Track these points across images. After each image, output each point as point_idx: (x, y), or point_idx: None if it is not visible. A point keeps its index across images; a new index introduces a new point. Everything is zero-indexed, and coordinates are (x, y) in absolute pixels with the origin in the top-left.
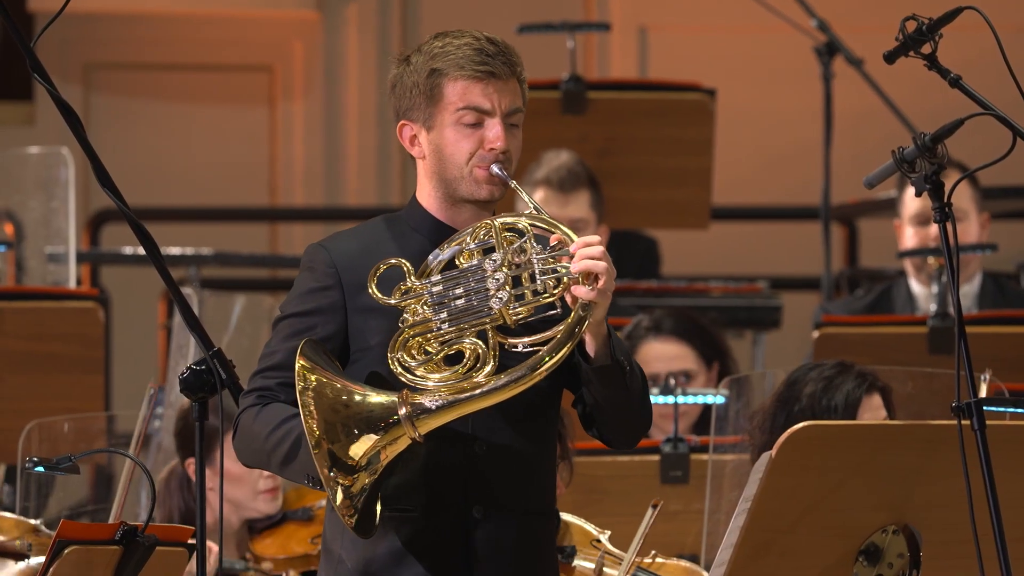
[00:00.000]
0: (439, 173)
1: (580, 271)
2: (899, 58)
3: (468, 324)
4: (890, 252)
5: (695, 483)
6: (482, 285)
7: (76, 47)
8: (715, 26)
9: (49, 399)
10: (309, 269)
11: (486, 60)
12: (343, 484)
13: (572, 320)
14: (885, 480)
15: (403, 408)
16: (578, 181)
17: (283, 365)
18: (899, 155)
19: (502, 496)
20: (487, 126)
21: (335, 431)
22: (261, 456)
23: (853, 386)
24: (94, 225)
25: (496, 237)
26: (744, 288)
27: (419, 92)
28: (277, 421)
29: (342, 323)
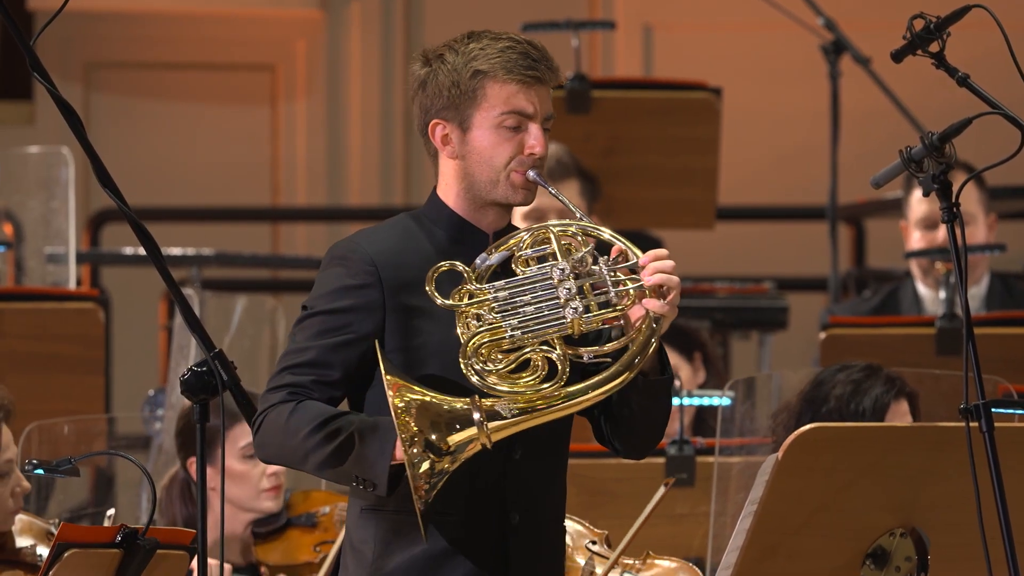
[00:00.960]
0: (473, 175)
1: (654, 284)
2: (907, 57)
3: (539, 333)
4: (898, 252)
5: (701, 485)
6: (551, 294)
7: (76, 46)
8: (721, 24)
9: (49, 400)
10: (341, 265)
11: (533, 65)
12: (430, 459)
13: (645, 333)
14: (892, 482)
15: (477, 413)
16: (567, 172)
17: (317, 362)
18: (906, 155)
19: (536, 502)
20: (528, 131)
21: (432, 428)
22: (295, 454)
23: (882, 391)
24: (94, 225)
25: (556, 244)
26: (750, 289)
27: (459, 92)
28: (319, 420)
29: (379, 322)
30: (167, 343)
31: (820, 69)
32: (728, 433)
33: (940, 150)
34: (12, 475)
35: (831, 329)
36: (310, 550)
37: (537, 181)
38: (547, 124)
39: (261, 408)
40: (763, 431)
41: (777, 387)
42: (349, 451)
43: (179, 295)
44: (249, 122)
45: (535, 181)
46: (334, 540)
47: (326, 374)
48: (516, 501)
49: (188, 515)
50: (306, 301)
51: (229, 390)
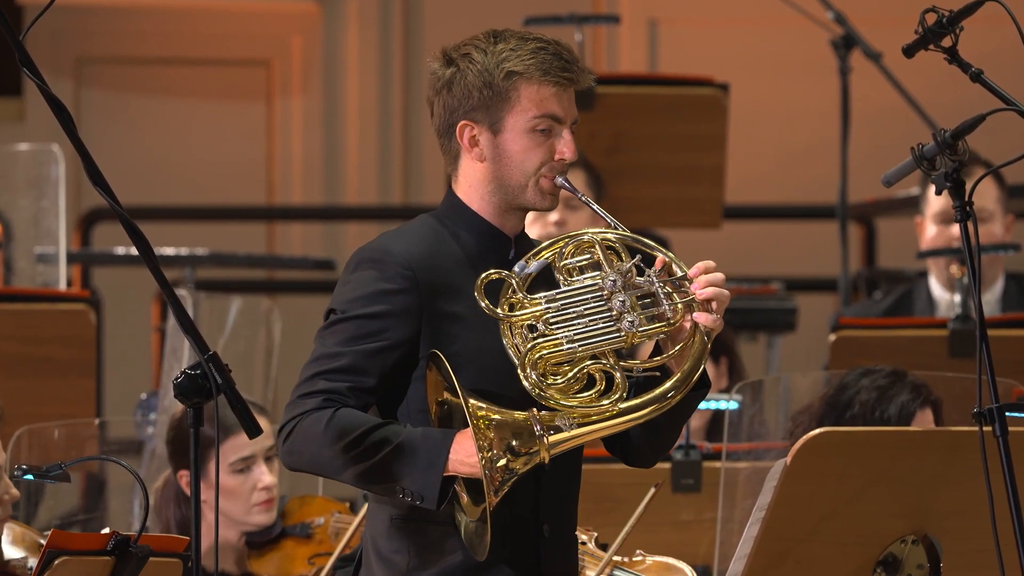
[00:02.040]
0: (501, 178)
1: (707, 298)
2: (919, 52)
3: (594, 346)
4: (909, 252)
5: (707, 491)
6: (602, 305)
7: (67, 40)
8: (728, 19)
9: (39, 404)
10: (376, 268)
11: (567, 67)
12: (507, 457)
13: (698, 348)
14: (904, 488)
15: (537, 426)
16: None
17: (352, 368)
18: (919, 152)
19: (564, 514)
20: (558, 135)
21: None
22: (331, 463)
23: (908, 399)
24: (85, 224)
25: (602, 254)
26: (758, 289)
27: (491, 93)
28: (362, 429)
29: (415, 328)
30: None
31: (830, 64)
32: (735, 437)
33: (953, 147)
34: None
35: (841, 331)
36: (304, 563)
37: (566, 187)
38: (573, 127)
39: (292, 414)
40: (771, 435)
41: (785, 390)
42: (396, 463)
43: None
44: (244, 119)
45: (563, 187)
46: (330, 553)
47: (362, 381)
48: (547, 512)
49: (182, 518)
50: (333, 304)
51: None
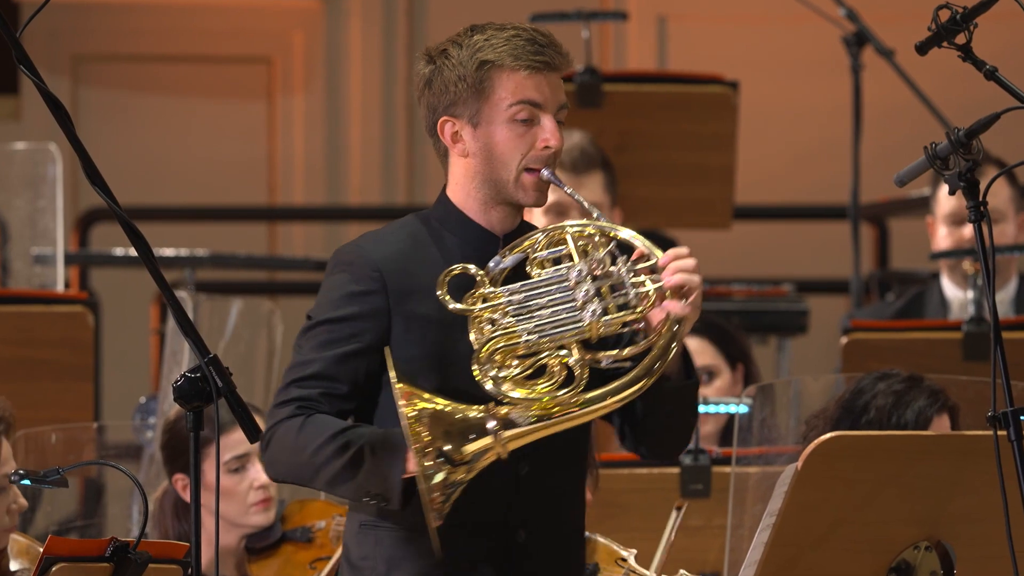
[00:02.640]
0: (486, 173)
1: (675, 285)
2: (932, 49)
3: (555, 337)
4: (923, 253)
5: (717, 496)
6: (568, 296)
7: (64, 37)
8: (738, 15)
9: (36, 408)
10: (346, 271)
11: (540, 50)
12: (445, 470)
13: (666, 338)
14: (917, 493)
15: (492, 422)
16: (591, 163)
17: (323, 375)
18: (932, 151)
19: (544, 518)
20: (540, 123)
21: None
22: (305, 471)
23: (925, 404)
24: (83, 225)
25: (573, 245)
26: (768, 291)
27: (466, 86)
28: (328, 433)
29: (385, 330)
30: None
31: (841, 62)
32: (746, 442)
33: (967, 146)
34: (9, 491)
35: (853, 334)
36: (305, 567)
37: (552, 181)
38: (560, 115)
39: (269, 424)
40: (782, 439)
41: (796, 394)
42: (360, 465)
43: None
44: (245, 117)
45: (550, 181)
46: (330, 557)
47: (334, 387)
48: (523, 517)
49: (181, 530)
50: (310, 310)
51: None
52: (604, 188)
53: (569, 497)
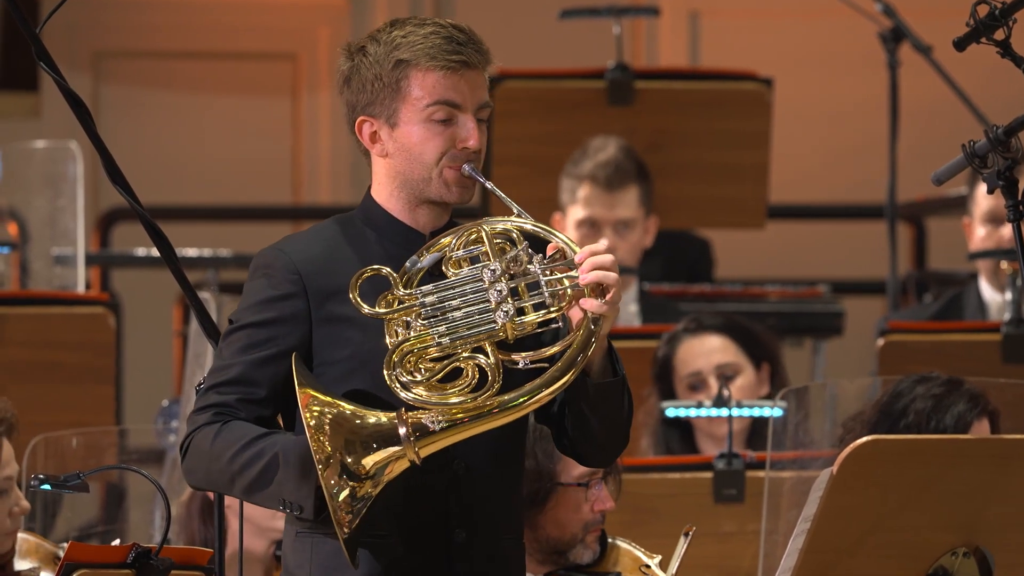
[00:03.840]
0: (404, 173)
1: (590, 283)
2: (970, 44)
3: (469, 339)
4: (961, 253)
5: (751, 502)
6: (481, 297)
7: (85, 33)
8: (772, 11)
9: (56, 412)
10: (265, 275)
11: (458, 49)
12: (350, 486)
13: (582, 336)
14: (955, 498)
15: (403, 428)
16: (625, 177)
17: (241, 380)
18: (970, 149)
19: (483, 519)
20: (459, 123)
21: (346, 447)
22: (221, 478)
23: (965, 408)
24: (104, 225)
25: (488, 244)
26: (803, 292)
27: (382, 85)
28: (243, 441)
29: (305, 334)
30: (182, 350)
31: (878, 58)
32: (780, 446)
33: (1005, 144)
34: (11, 493)
35: (890, 336)
36: None
37: (473, 176)
38: (481, 114)
39: (187, 430)
40: (817, 444)
41: (832, 397)
42: (273, 473)
43: (195, 299)
44: (269, 115)
45: (471, 176)
46: None
47: (252, 392)
48: (460, 517)
49: (208, 535)
50: (232, 314)
51: None
52: (639, 202)
53: (508, 497)
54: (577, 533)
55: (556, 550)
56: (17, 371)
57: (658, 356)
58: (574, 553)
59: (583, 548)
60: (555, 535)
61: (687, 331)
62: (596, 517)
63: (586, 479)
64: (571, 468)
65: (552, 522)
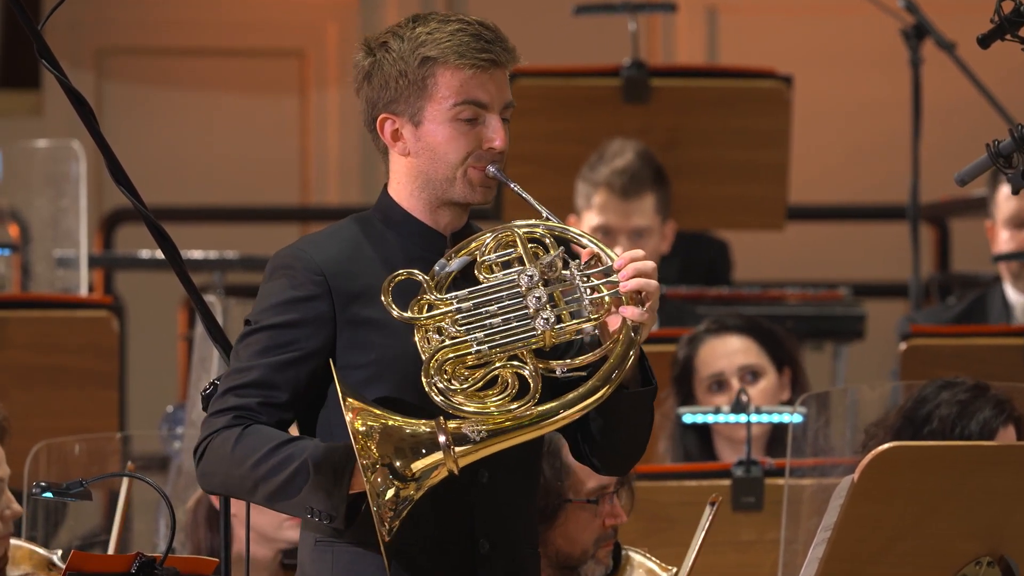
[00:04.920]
0: (427, 173)
1: (632, 290)
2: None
3: (508, 346)
4: (985, 255)
5: (770, 510)
6: (518, 303)
7: (88, 30)
8: (791, 6)
9: (58, 417)
10: (287, 276)
11: (486, 47)
12: (395, 486)
13: (622, 346)
14: (979, 506)
15: (442, 437)
16: (642, 185)
17: (262, 383)
18: (994, 149)
19: (506, 528)
20: (485, 123)
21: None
22: (242, 484)
23: (991, 415)
24: (108, 226)
25: (523, 248)
26: (824, 295)
27: (407, 83)
28: (268, 446)
29: (328, 337)
30: (187, 355)
31: (900, 55)
32: (800, 453)
33: None
34: (2, 496)
35: (912, 339)
36: None
37: (498, 177)
38: (506, 113)
39: (204, 433)
40: (838, 450)
41: (853, 402)
42: (302, 480)
43: (200, 302)
44: (276, 113)
45: (496, 177)
46: None
47: (273, 395)
48: (485, 528)
49: (214, 542)
50: (249, 315)
51: None
52: (655, 210)
53: (528, 506)
54: (588, 548)
55: (567, 565)
56: (19, 376)
57: (678, 357)
58: (586, 568)
59: (595, 563)
60: (566, 550)
61: (709, 331)
62: (608, 532)
63: (596, 495)
64: (580, 484)
65: (562, 537)
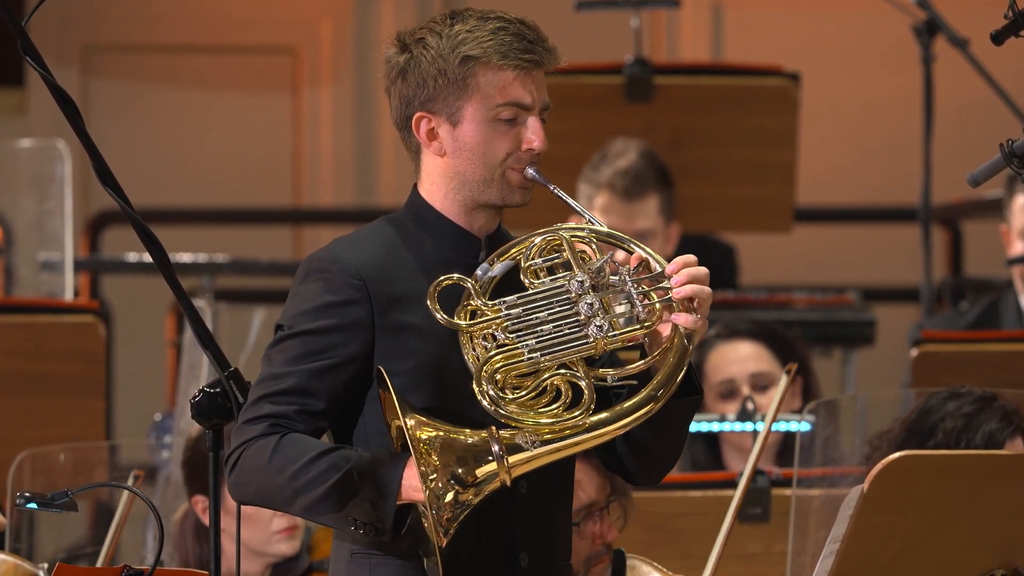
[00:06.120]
0: (464, 173)
1: (686, 296)
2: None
3: (560, 354)
4: (998, 258)
5: (777, 521)
6: (569, 310)
7: (74, 25)
8: (799, 2)
9: (43, 426)
10: (322, 279)
11: (529, 47)
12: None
13: (676, 353)
14: (992, 517)
15: (496, 446)
16: (644, 186)
17: (299, 390)
18: (1008, 149)
19: (544, 542)
20: (525, 123)
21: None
22: (279, 494)
23: (997, 427)
24: (94, 228)
25: (572, 253)
26: (832, 300)
27: (446, 82)
28: (308, 457)
29: (367, 343)
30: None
31: (911, 52)
32: (808, 462)
33: None
34: None
35: (924, 345)
36: None
37: (536, 179)
38: (544, 114)
39: (238, 442)
40: (847, 460)
41: (863, 411)
42: (347, 491)
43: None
44: (268, 112)
45: (534, 180)
46: None
47: (310, 403)
48: (525, 540)
49: (202, 555)
50: (281, 319)
51: None
52: (659, 212)
53: (564, 522)
54: (578, 569)
55: None
56: (2, 383)
57: None
58: None
59: None
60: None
61: (719, 337)
62: (599, 549)
63: (580, 517)
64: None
65: None
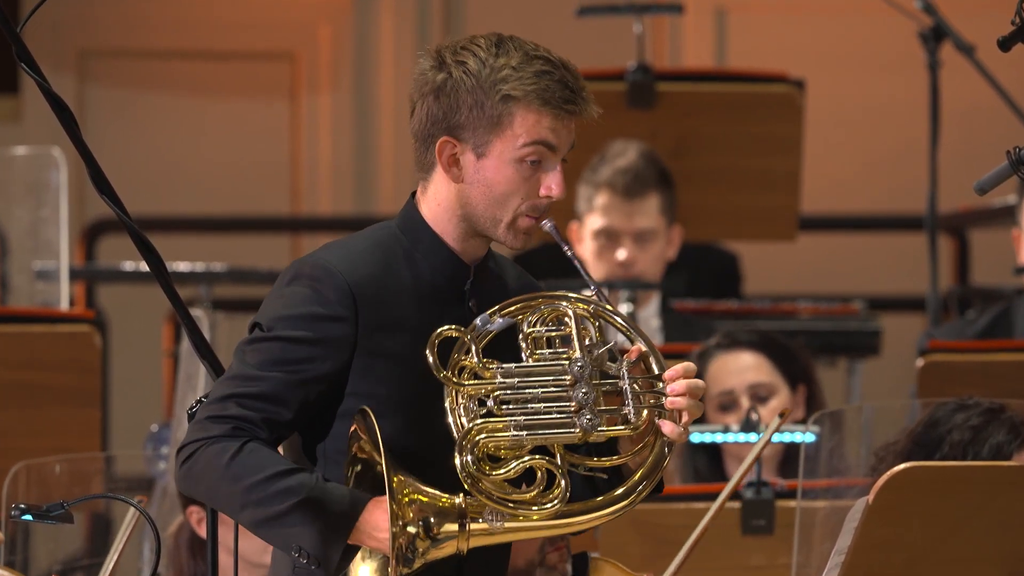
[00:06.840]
0: (476, 206)
1: (676, 408)
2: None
3: (543, 437)
4: (1007, 267)
5: (781, 533)
6: (563, 392)
7: (69, 31)
8: (804, 7)
9: (38, 437)
10: (312, 288)
11: (572, 97)
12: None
13: (656, 455)
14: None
15: (459, 519)
16: (645, 185)
17: (270, 397)
18: (1015, 156)
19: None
20: (548, 168)
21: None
22: (229, 501)
23: (1004, 440)
24: (90, 237)
25: (576, 332)
26: (838, 309)
27: (481, 115)
28: (268, 472)
29: (344, 362)
30: (172, 371)
31: (917, 58)
32: (812, 474)
33: None
34: None
35: (930, 355)
36: None
37: (553, 235)
38: (565, 159)
39: (197, 436)
40: (852, 471)
41: (868, 421)
42: (299, 518)
43: (186, 317)
44: (266, 118)
45: (552, 233)
46: None
47: (278, 412)
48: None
49: (197, 569)
50: (260, 318)
51: None
52: (660, 211)
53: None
54: (532, 557)
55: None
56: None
57: None
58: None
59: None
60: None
61: (720, 346)
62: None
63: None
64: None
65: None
